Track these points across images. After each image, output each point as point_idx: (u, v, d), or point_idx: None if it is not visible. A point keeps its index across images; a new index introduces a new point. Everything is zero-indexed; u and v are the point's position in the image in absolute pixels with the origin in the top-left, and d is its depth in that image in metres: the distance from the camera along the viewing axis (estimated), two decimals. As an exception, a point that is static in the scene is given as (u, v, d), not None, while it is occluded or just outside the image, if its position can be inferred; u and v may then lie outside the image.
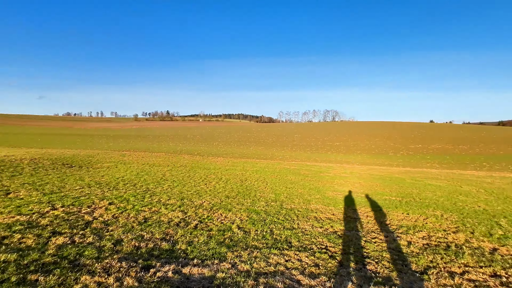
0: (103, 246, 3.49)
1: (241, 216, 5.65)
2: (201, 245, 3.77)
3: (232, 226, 4.87)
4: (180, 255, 3.36)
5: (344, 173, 17.31)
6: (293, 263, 3.37)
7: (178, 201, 6.71)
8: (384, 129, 61.57)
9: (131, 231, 4.16)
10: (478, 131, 54.81)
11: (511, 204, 9.56)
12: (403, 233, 5.35)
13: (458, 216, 7.34)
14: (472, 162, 27.77)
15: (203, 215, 5.54)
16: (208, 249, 3.65)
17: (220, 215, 5.62)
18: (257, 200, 7.61)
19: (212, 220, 5.20)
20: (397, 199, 9.49)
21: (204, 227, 4.64)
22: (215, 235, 4.24)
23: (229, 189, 9.25)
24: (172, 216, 5.25)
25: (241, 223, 5.07)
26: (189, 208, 5.99)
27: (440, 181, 15.53)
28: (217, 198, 7.53)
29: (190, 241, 3.90)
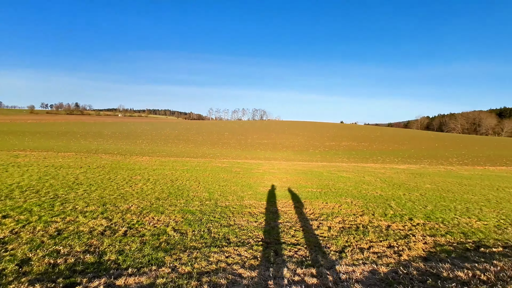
0: (3, 270, 2.82)
1: (175, 217, 5.44)
2: (134, 253, 3.48)
3: (167, 229, 4.65)
4: (111, 267, 3.04)
5: (272, 169, 18.49)
6: (233, 259, 3.49)
7: (99, 207, 5.94)
8: (305, 128, 68.37)
9: (41, 247, 3.49)
10: (374, 131, 67.02)
11: (398, 189, 12.04)
12: (324, 220, 6.15)
13: (363, 202, 8.81)
14: (371, 157, 33.68)
15: (132, 220, 5.09)
16: (143, 256, 3.40)
17: (152, 219, 5.27)
18: (190, 200, 7.42)
19: (143, 224, 4.83)
20: (318, 191, 10.71)
21: (135, 233, 4.28)
22: (149, 241, 3.97)
23: (159, 190, 8.71)
24: (94, 224, 4.63)
25: (176, 225, 4.89)
26: (115, 214, 5.39)
27: (349, 173, 18.24)
28: (146, 200, 7.00)
29: (121, 249, 3.55)
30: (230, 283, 2.78)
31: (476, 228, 6.25)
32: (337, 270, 3.24)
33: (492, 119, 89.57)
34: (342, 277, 3.03)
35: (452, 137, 59.59)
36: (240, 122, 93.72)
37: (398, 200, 9.47)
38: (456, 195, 11.33)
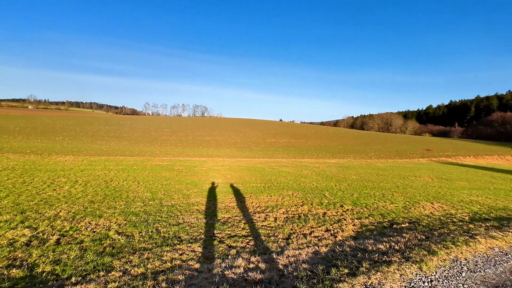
0: None
1: (117, 220, 5.04)
2: (74, 261, 3.14)
3: (109, 232, 4.29)
4: (48, 278, 2.69)
5: (216, 166, 18.43)
6: (188, 255, 3.49)
7: (16, 215, 5.05)
8: (247, 125, 69.81)
9: None
10: (309, 128, 73.06)
11: (330, 181, 13.51)
12: (270, 212, 6.57)
13: (302, 193, 9.63)
14: (307, 152, 36.66)
15: (64, 227, 4.51)
16: (86, 262, 3.10)
17: (89, 224, 4.77)
18: (132, 201, 6.93)
19: (79, 230, 4.34)
20: (262, 185, 11.21)
21: (72, 240, 3.84)
22: (90, 246, 3.62)
23: (92, 192, 7.84)
24: (13, 235, 3.94)
25: (119, 228, 4.55)
26: (40, 222, 4.68)
27: (289, 168, 19.53)
28: (78, 205, 6.25)
29: (57, 259, 3.15)
30: (188, 278, 2.80)
31: (390, 209, 7.58)
32: (286, 254, 3.58)
33: (400, 120, 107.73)
34: (291, 260, 3.38)
35: (370, 135, 69.46)
36: (180, 118, 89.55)
37: (331, 190, 10.65)
38: (374, 183, 13.35)
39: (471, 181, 17.50)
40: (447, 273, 3.11)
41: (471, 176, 20.93)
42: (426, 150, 42.38)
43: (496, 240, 4.37)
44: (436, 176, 19.09)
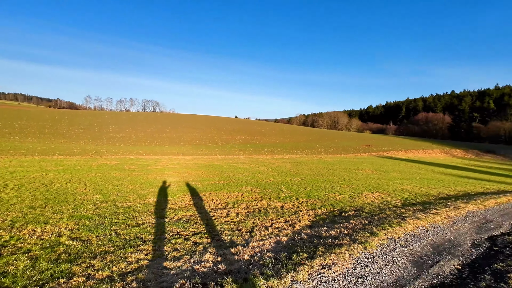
0: None
1: (67, 225, 4.65)
2: (25, 271, 2.87)
3: (61, 239, 3.97)
4: None
5: (172, 164, 17.81)
6: (153, 255, 3.47)
7: None
8: (202, 122, 68.26)
9: None
10: (265, 126, 74.97)
11: (285, 176, 14.24)
12: (231, 207, 6.75)
13: (260, 189, 10.02)
14: (263, 149, 37.64)
15: (3, 236, 4.02)
16: (40, 271, 2.86)
17: (33, 231, 4.32)
18: (81, 205, 6.40)
19: (23, 239, 3.92)
20: (220, 182, 11.30)
21: (16, 251, 3.46)
22: (41, 255, 3.32)
23: (30, 197, 7.00)
24: None
25: (72, 233, 4.23)
26: (-32, 234, 4.06)
27: (246, 165, 19.89)
28: (15, 211, 5.55)
29: (3, 271, 2.84)
30: (158, 276, 2.82)
31: (339, 200, 8.44)
32: (251, 246, 3.82)
33: (345, 118, 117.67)
34: (256, 250, 3.63)
35: (320, 132, 74.47)
36: (129, 113, 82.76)
37: (286, 185, 11.28)
38: (324, 177, 14.53)
39: (402, 172, 20.23)
40: (385, 250, 3.72)
41: (402, 168, 24.18)
42: (367, 146, 47.27)
43: (421, 221, 5.31)
44: (375, 169, 21.57)
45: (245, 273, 2.88)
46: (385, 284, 2.82)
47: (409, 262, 3.41)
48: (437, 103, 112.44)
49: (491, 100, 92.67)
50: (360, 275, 2.94)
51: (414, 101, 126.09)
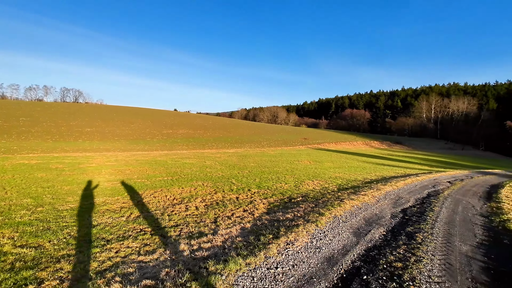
0: None
1: (5, 235, 4.10)
2: None
3: (3, 248, 3.53)
4: None
5: (109, 161, 16.30)
6: (125, 251, 3.44)
7: None
8: (138, 115, 62.84)
9: None
10: (207, 119, 73.61)
11: (233, 169, 14.66)
12: (188, 202, 6.83)
13: (212, 182, 10.21)
14: (207, 143, 37.24)
15: None
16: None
17: (-41, 244, 3.69)
18: (9, 211, 5.58)
19: (-51, 254, 3.33)
20: (169, 178, 11.02)
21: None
22: (-12, 266, 2.93)
23: None
24: None
25: (16, 241, 3.78)
26: None
27: (192, 160, 19.56)
28: None
29: None
30: (139, 269, 2.88)
31: (286, 189, 9.30)
32: (220, 234, 4.12)
33: (284, 113, 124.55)
34: (225, 237, 3.94)
35: (262, 126, 77.24)
36: (44, 104, 69.65)
37: (236, 177, 11.72)
38: (270, 169, 15.53)
39: (334, 162, 22.95)
40: (332, 226, 4.51)
41: (334, 158, 27.38)
42: (304, 139, 51.44)
43: (354, 201, 6.44)
44: (312, 159, 23.89)
45: (223, 256, 3.19)
46: (335, 251, 3.52)
47: (350, 233, 4.26)
48: (360, 101, 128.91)
49: (399, 100, 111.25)
50: (317, 247, 3.58)
51: (341, 99, 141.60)
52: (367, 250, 3.63)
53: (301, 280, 2.73)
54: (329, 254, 3.39)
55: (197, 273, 2.76)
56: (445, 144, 68.92)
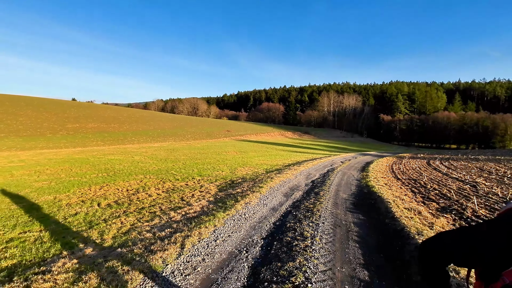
0: None
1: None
2: (30, 250, 3.24)
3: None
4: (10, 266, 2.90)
5: (12, 162, 14.20)
6: (129, 222, 4.45)
7: None
8: (27, 105, 51.01)
9: None
10: (121, 111, 66.27)
11: (167, 163, 15.26)
12: (144, 191, 7.66)
13: (153, 175, 10.84)
14: (125, 138, 34.67)
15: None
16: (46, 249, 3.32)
17: None
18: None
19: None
20: (105, 174, 10.99)
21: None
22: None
23: None
24: None
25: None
26: None
27: (117, 156, 18.73)
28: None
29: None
30: (151, 228, 4.03)
31: (224, 175, 10.97)
32: (194, 205, 5.49)
33: (204, 105, 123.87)
34: (200, 206, 5.38)
35: (183, 118, 75.24)
36: None
37: (174, 169, 12.53)
38: (202, 160, 16.79)
39: (257, 151, 25.92)
40: (269, 192, 6.56)
41: (256, 148, 30.58)
42: (227, 131, 53.73)
43: (280, 178, 8.77)
44: (238, 150, 26.24)
45: (207, 214, 4.67)
46: (275, 204, 5.53)
47: (282, 195, 6.39)
48: (275, 95, 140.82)
49: (306, 95, 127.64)
50: (264, 203, 5.51)
51: (259, 92, 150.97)
52: (293, 202, 5.81)
53: (260, 219, 4.56)
54: (272, 206, 5.38)
55: (199, 221, 4.20)
56: (340, 133, 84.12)
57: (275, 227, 4.17)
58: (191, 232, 3.68)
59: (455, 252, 0.95)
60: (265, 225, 4.21)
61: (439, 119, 79.64)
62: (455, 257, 0.96)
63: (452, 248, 0.95)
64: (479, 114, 79.35)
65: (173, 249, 3.08)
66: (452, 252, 0.95)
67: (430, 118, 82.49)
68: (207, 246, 3.26)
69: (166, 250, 3.05)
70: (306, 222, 4.27)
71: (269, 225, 4.25)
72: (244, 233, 3.84)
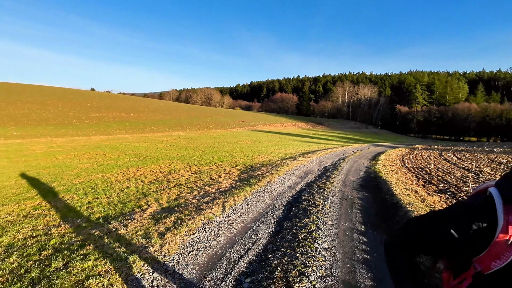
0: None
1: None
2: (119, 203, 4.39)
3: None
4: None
5: (51, 148, 15.82)
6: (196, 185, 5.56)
7: None
8: (53, 95, 54.02)
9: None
10: (138, 101, 68.69)
11: (187, 150, 16.46)
12: (175, 173, 8.80)
13: (179, 160, 12.00)
14: (145, 127, 36.44)
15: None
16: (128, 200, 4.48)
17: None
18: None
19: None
20: (136, 159, 12.22)
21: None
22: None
23: None
24: None
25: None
26: None
27: (141, 143, 20.16)
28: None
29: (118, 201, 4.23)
30: (217, 189, 5.11)
31: (243, 161, 12.00)
32: (223, 183, 6.56)
33: (218, 95, 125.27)
34: (228, 184, 6.43)
35: (198, 109, 76.89)
36: None
37: (196, 156, 13.65)
38: (220, 148, 17.88)
39: (271, 141, 26.83)
40: (286, 174, 7.53)
41: (270, 138, 31.49)
42: (241, 121, 54.77)
43: (295, 163, 9.69)
44: (252, 140, 27.25)
45: (237, 188, 5.71)
46: (292, 183, 6.49)
47: (297, 177, 7.34)
48: (288, 85, 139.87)
49: (321, 85, 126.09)
50: (282, 183, 6.50)
51: (272, 82, 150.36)
52: (307, 183, 6.76)
53: (280, 193, 5.55)
54: (289, 185, 6.36)
55: (231, 193, 5.25)
56: (354, 124, 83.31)
57: (293, 199, 5.15)
58: (227, 199, 4.71)
59: (423, 240, 0.89)
60: (285, 197, 5.20)
61: (459, 111, 77.04)
62: (422, 245, 0.89)
63: (420, 236, 0.89)
64: (503, 106, 76.01)
65: (217, 208, 4.12)
66: (420, 240, 0.89)
67: (450, 110, 79.92)
68: (241, 208, 4.30)
69: (212, 208, 4.09)
70: (318, 196, 5.22)
71: (287, 197, 5.23)
72: (268, 201, 4.85)
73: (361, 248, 3.04)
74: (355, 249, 2.99)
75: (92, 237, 3.22)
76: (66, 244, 3.07)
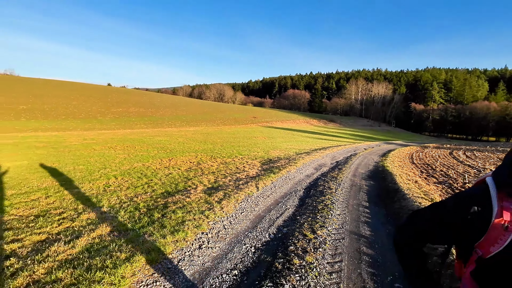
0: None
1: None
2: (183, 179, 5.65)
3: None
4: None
5: (86, 140, 17.45)
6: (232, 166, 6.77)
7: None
8: (75, 90, 56.91)
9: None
10: (155, 97, 71.01)
11: (206, 144, 17.71)
12: (203, 164, 10.02)
13: (203, 153, 13.22)
14: (164, 122, 38.15)
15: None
16: (187, 178, 5.73)
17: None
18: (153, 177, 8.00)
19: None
20: (163, 152, 13.58)
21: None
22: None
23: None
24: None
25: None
26: (63, 187, 5.80)
27: (162, 137, 21.58)
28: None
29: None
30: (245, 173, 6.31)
31: (261, 155, 13.09)
32: (250, 172, 7.71)
33: (230, 91, 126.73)
34: (254, 172, 7.58)
35: (211, 104, 78.56)
36: None
37: (216, 150, 14.82)
38: (236, 143, 19.04)
39: (284, 137, 27.81)
40: (303, 166, 8.61)
41: (283, 134, 32.44)
42: (254, 118, 55.87)
43: (309, 157, 10.74)
44: (266, 136, 28.32)
45: (263, 175, 6.85)
46: (309, 173, 7.57)
47: (312, 169, 8.41)
48: (301, 81, 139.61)
49: (334, 82, 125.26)
50: (300, 172, 7.59)
51: (284, 79, 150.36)
52: (322, 173, 7.83)
53: (299, 180, 6.65)
54: (306, 174, 7.46)
55: (259, 178, 6.40)
56: (367, 122, 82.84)
57: (310, 184, 6.25)
58: (258, 182, 5.87)
59: (427, 229, 0.94)
60: (304, 183, 6.31)
61: (477, 109, 75.07)
62: (429, 234, 0.95)
63: (425, 226, 0.95)
64: (526, 105, 73.61)
65: (252, 188, 5.29)
66: (425, 230, 0.95)
67: (467, 108, 78.04)
68: (270, 189, 5.45)
69: (248, 188, 5.26)
70: (332, 183, 6.30)
71: (306, 183, 6.33)
72: (291, 185, 5.97)
73: (364, 215, 4.11)
74: (360, 215, 4.08)
75: (168, 203, 4.45)
76: (152, 207, 4.32)
